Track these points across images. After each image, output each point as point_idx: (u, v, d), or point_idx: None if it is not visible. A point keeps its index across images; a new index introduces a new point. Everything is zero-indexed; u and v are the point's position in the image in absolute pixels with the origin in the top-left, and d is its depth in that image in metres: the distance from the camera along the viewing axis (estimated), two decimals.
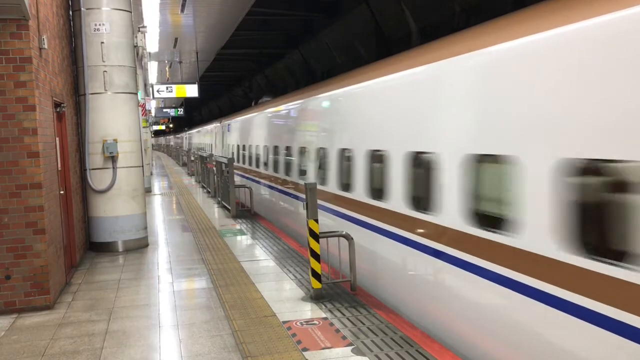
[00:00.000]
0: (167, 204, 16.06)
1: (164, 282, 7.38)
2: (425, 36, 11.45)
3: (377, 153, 6.71)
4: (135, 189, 9.55)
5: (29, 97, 6.12)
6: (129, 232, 9.48)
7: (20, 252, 6.19)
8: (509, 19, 4.76)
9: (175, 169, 33.83)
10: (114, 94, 9.25)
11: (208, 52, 20.91)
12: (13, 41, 6.03)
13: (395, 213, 6.27)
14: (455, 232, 5.07)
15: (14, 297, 6.23)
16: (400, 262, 6.19)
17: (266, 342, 5.08)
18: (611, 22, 3.47)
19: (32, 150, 6.16)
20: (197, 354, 4.89)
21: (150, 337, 5.36)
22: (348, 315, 5.73)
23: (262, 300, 6.37)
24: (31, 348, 5.22)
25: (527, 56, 4.19)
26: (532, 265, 4.06)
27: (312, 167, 9.32)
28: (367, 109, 7.14)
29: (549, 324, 3.91)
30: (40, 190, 6.22)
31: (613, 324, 3.40)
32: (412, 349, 4.81)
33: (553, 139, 3.89)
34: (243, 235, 10.52)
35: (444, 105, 5.35)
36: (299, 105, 10.52)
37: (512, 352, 4.33)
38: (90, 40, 9.10)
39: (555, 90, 3.89)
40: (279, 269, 7.81)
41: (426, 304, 5.65)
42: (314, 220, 6.19)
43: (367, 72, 7.45)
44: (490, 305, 4.59)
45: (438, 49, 5.70)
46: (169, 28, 16.57)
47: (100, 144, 9.17)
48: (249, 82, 30.93)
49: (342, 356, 4.72)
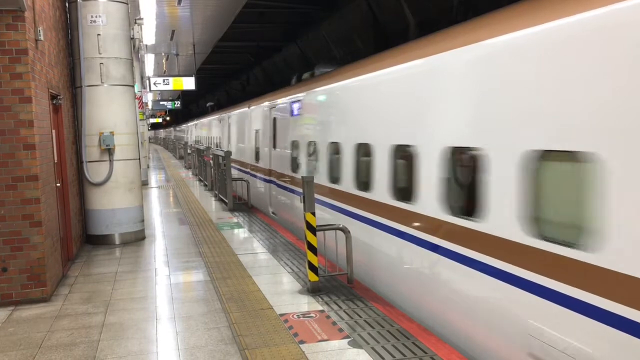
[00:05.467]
0: (164, 197, 16.05)
1: (161, 274, 7.39)
2: (423, 29, 11.43)
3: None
4: (132, 182, 9.53)
5: (25, 89, 6.09)
6: (126, 225, 9.47)
7: (16, 244, 6.19)
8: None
9: (173, 162, 33.77)
10: (110, 86, 9.21)
11: (205, 44, 20.83)
12: (9, 32, 5.99)
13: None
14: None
15: (11, 290, 6.23)
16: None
17: (263, 334, 5.10)
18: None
19: (29, 142, 6.14)
20: (194, 347, 4.90)
21: (147, 330, 5.37)
22: (345, 308, 5.75)
23: (259, 292, 6.38)
24: (28, 340, 5.22)
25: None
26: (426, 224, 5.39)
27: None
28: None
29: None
30: (37, 182, 6.20)
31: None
32: (408, 341, 4.83)
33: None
34: (240, 228, 10.52)
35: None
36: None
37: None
38: (86, 32, 9.05)
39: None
40: (276, 261, 7.82)
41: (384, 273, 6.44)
42: (310, 214, 6.20)
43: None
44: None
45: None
46: (166, 20, 16.49)
47: (96, 137, 9.15)
48: (247, 75, 30.85)
49: (339, 348, 4.73)
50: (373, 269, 6.79)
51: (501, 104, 4.38)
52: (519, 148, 4.15)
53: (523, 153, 4.10)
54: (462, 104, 5.02)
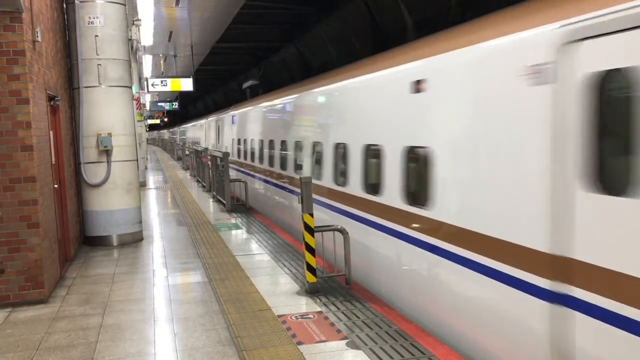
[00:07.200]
0: (162, 198, 16.03)
1: (158, 276, 7.38)
2: (420, 30, 11.44)
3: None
4: (130, 183, 9.52)
5: (23, 90, 6.08)
6: (124, 226, 9.46)
7: (14, 245, 6.17)
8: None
9: (170, 163, 33.74)
10: (108, 88, 9.20)
11: (203, 45, 20.82)
12: (6, 34, 5.98)
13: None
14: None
15: (8, 291, 6.21)
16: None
17: (261, 335, 5.09)
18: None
19: (26, 143, 6.13)
20: (192, 348, 4.89)
21: (145, 331, 5.36)
22: (343, 309, 5.75)
23: (257, 294, 6.38)
24: (26, 342, 5.21)
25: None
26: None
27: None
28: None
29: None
30: (34, 183, 6.19)
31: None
32: (406, 342, 4.83)
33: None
34: (238, 230, 10.52)
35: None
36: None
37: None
38: (84, 34, 9.05)
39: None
40: (274, 263, 7.82)
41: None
42: (308, 215, 6.20)
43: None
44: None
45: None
46: (164, 21, 16.49)
47: (94, 138, 9.14)
48: (244, 76, 30.85)
49: (337, 350, 4.73)
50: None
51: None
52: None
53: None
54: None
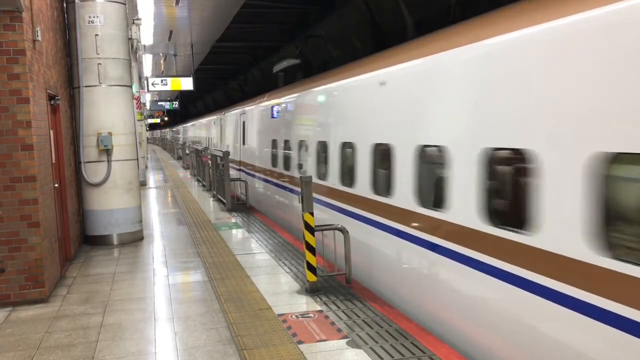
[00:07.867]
0: (162, 197, 16.03)
1: (159, 275, 7.38)
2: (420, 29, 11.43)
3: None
4: (130, 182, 9.52)
5: (23, 89, 6.08)
6: (124, 225, 9.46)
7: (14, 245, 6.18)
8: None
9: (171, 162, 33.73)
10: (108, 87, 9.20)
11: (203, 44, 20.79)
12: (6, 33, 5.98)
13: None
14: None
15: (9, 291, 6.22)
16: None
17: (261, 334, 5.10)
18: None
19: (26, 142, 6.13)
20: (193, 347, 4.89)
21: (145, 330, 5.36)
22: (343, 308, 5.75)
23: (257, 293, 6.38)
24: (26, 341, 5.22)
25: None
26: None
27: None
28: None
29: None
30: (35, 183, 6.19)
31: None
32: (407, 341, 4.83)
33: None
34: (238, 229, 10.52)
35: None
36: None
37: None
38: (84, 33, 9.05)
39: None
40: (274, 262, 7.82)
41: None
42: (309, 214, 6.20)
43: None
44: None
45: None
46: (164, 20, 16.47)
47: (94, 137, 9.14)
48: (245, 75, 30.83)
49: (338, 348, 4.73)
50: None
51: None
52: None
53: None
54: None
